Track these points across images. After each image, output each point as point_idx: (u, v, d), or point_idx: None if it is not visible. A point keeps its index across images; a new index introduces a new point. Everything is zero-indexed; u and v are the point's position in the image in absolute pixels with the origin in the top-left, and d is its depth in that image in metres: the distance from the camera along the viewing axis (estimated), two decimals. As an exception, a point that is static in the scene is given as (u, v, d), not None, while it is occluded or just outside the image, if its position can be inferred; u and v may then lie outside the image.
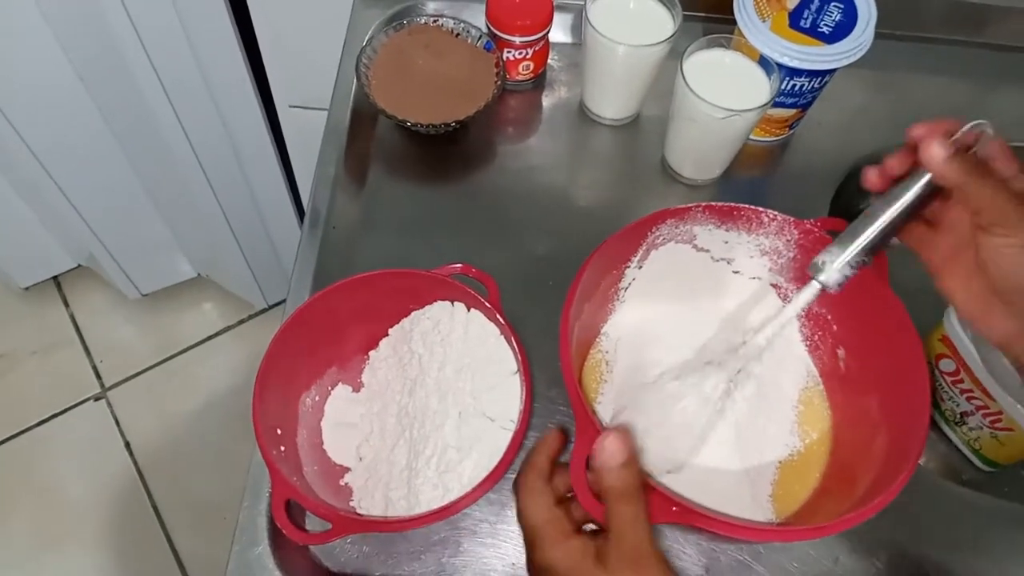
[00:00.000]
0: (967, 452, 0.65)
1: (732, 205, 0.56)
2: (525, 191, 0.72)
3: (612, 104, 0.74)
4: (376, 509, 0.54)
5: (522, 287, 0.62)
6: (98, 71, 1.03)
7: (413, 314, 0.61)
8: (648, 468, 0.50)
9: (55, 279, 1.63)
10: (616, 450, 0.43)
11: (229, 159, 1.17)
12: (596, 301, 0.59)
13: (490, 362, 0.57)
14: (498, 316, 0.56)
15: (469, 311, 0.59)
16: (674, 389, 0.57)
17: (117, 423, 1.49)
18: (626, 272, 0.59)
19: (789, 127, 0.73)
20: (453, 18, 0.73)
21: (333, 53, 0.78)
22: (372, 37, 0.73)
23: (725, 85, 0.63)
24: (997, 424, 0.60)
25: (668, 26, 0.67)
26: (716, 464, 0.55)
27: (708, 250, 0.59)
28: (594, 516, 0.44)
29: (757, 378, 0.57)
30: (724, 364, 0.57)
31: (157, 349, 1.58)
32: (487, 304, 0.57)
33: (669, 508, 0.45)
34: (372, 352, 0.62)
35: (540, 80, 0.78)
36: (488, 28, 0.72)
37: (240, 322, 1.62)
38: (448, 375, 0.57)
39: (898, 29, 0.79)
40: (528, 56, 0.73)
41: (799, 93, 0.68)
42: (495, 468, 0.50)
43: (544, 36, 0.73)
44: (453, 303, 0.59)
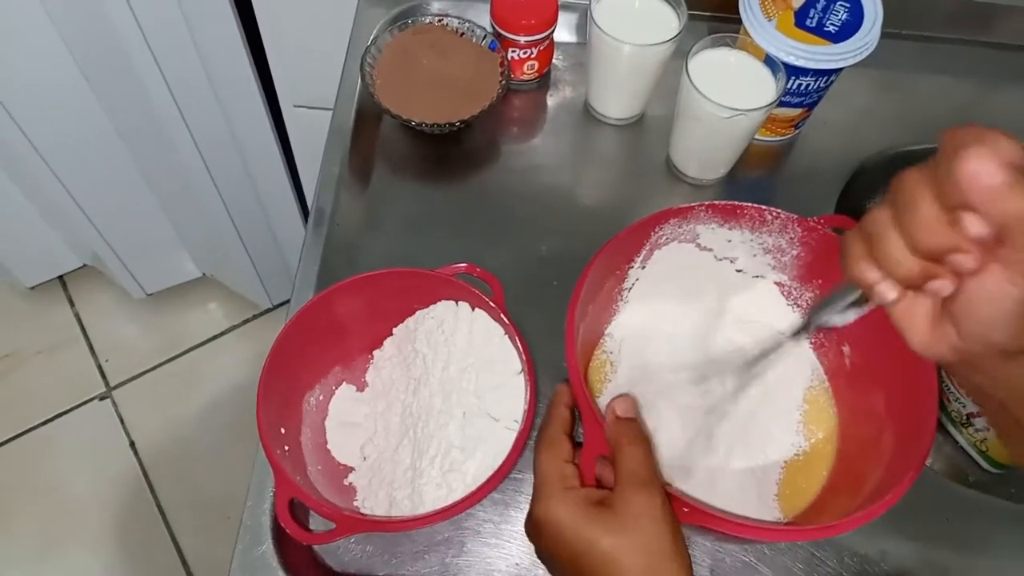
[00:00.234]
0: (973, 453, 0.64)
1: (735, 204, 0.56)
2: (529, 191, 0.71)
3: (617, 104, 0.73)
4: (380, 509, 0.54)
5: (526, 287, 0.62)
6: (103, 71, 1.03)
7: (417, 313, 0.61)
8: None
9: (60, 278, 1.63)
10: (625, 407, 0.47)
11: (234, 159, 1.18)
12: (600, 302, 0.58)
13: (494, 362, 0.57)
14: (502, 316, 0.56)
15: (473, 311, 0.59)
16: (679, 390, 0.57)
17: (122, 422, 1.49)
18: (629, 272, 0.59)
19: (795, 127, 0.73)
20: (458, 17, 0.73)
21: (338, 53, 0.78)
22: (377, 37, 0.73)
23: (730, 84, 0.63)
24: (1004, 425, 0.60)
25: (673, 25, 0.67)
26: (722, 464, 0.54)
27: (711, 249, 0.59)
28: None
29: (762, 377, 0.57)
30: (728, 364, 0.57)
31: (162, 348, 1.58)
32: (491, 304, 0.57)
33: (680, 509, 0.45)
34: (376, 351, 0.62)
35: (545, 80, 0.78)
36: (493, 27, 0.72)
37: (244, 322, 1.62)
38: (452, 375, 0.57)
39: (904, 28, 0.79)
40: (533, 55, 0.73)
41: (805, 92, 0.67)
42: (499, 468, 0.50)
43: (549, 35, 0.72)
44: (457, 303, 0.59)
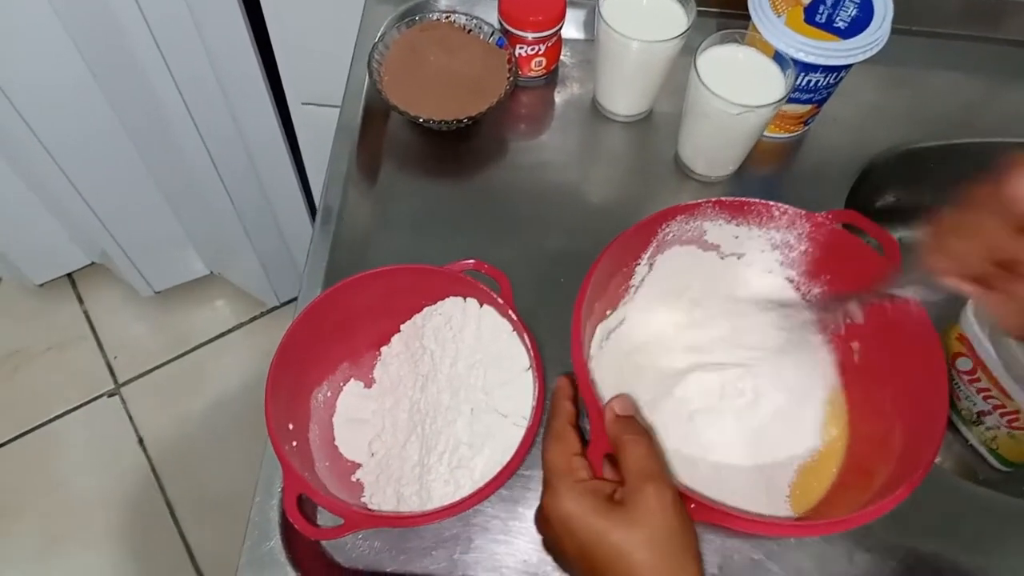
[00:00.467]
0: (983, 451, 0.64)
1: (742, 200, 0.55)
2: (537, 188, 0.71)
3: (625, 100, 0.73)
4: (388, 505, 0.54)
5: (534, 284, 0.62)
6: (110, 68, 1.04)
7: (425, 310, 0.61)
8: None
9: (69, 276, 1.64)
10: (623, 406, 0.47)
11: (241, 157, 1.18)
12: (607, 299, 0.58)
13: (502, 358, 0.57)
14: (510, 312, 0.56)
15: (481, 307, 0.59)
16: (687, 388, 0.57)
17: (131, 419, 1.50)
18: (636, 269, 0.59)
19: (804, 123, 0.73)
20: (465, 14, 0.73)
21: (345, 50, 0.78)
22: (384, 33, 0.72)
23: (739, 81, 0.63)
24: (1014, 423, 0.60)
25: (682, 21, 0.67)
26: (731, 461, 0.54)
27: (718, 246, 0.59)
28: None
29: (771, 375, 0.57)
30: (737, 362, 0.57)
31: (170, 346, 1.58)
32: (499, 300, 0.57)
33: (688, 506, 0.44)
34: (384, 348, 0.62)
35: (552, 76, 0.77)
36: (500, 24, 0.72)
37: (252, 319, 1.62)
38: (460, 371, 0.57)
39: (914, 25, 0.78)
40: (540, 52, 0.73)
41: (814, 89, 0.67)
42: (507, 464, 0.50)
43: (557, 32, 0.72)
44: (465, 299, 0.59)
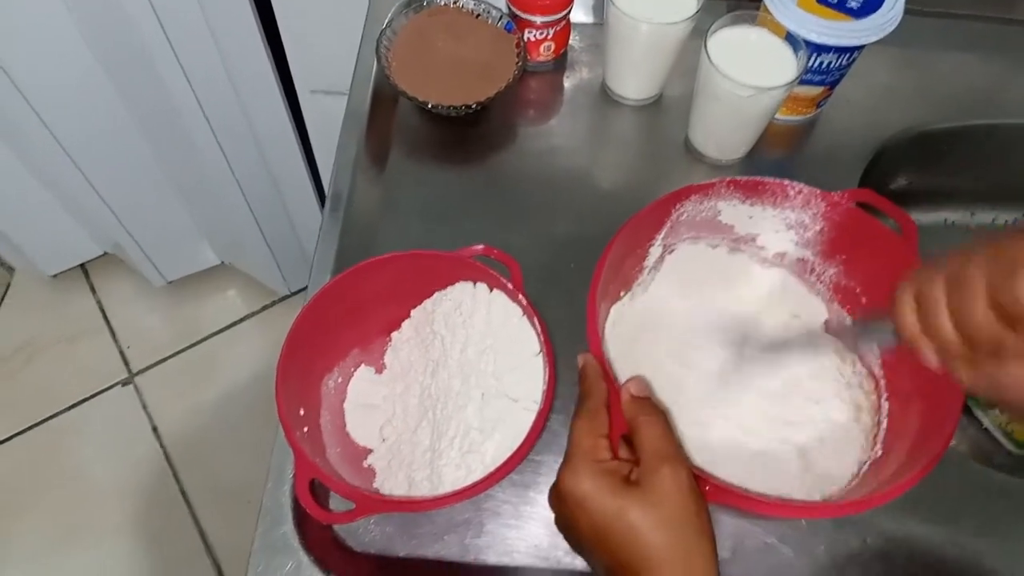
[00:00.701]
0: (998, 435, 0.64)
1: (757, 179, 0.55)
2: (546, 173, 0.71)
3: (635, 84, 0.73)
4: (399, 490, 0.54)
5: (544, 269, 0.62)
6: (120, 60, 1.04)
7: (435, 295, 0.61)
8: None
9: (82, 267, 1.65)
10: (638, 387, 0.47)
11: (251, 146, 1.18)
12: (620, 280, 0.58)
13: (513, 343, 0.57)
14: (520, 297, 0.56)
15: (491, 292, 0.59)
16: (702, 369, 0.56)
17: (145, 408, 1.51)
18: (650, 250, 0.59)
19: (816, 105, 0.72)
20: (474, -1, 0.73)
21: (353, 36, 0.78)
22: (392, 19, 0.72)
23: (750, 62, 0.62)
24: (1030, 406, 0.59)
25: (691, 3, 0.66)
26: (747, 443, 0.54)
27: (732, 226, 0.59)
28: None
29: (788, 359, 0.57)
30: (752, 346, 0.57)
31: (182, 335, 1.59)
32: (509, 285, 0.57)
33: (702, 487, 0.44)
34: (394, 333, 0.62)
35: (562, 61, 0.77)
36: (509, 9, 0.71)
37: (264, 308, 1.63)
38: (471, 356, 0.57)
39: (927, 5, 0.77)
40: (549, 36, 0.73)
41: (827, 70, 0.66)
42: (518, 449, 0.50)
43: (565, 16, 0.72)
44: (475, 284, 0.59)
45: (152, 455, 1.47)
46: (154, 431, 1.49)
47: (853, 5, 0.63)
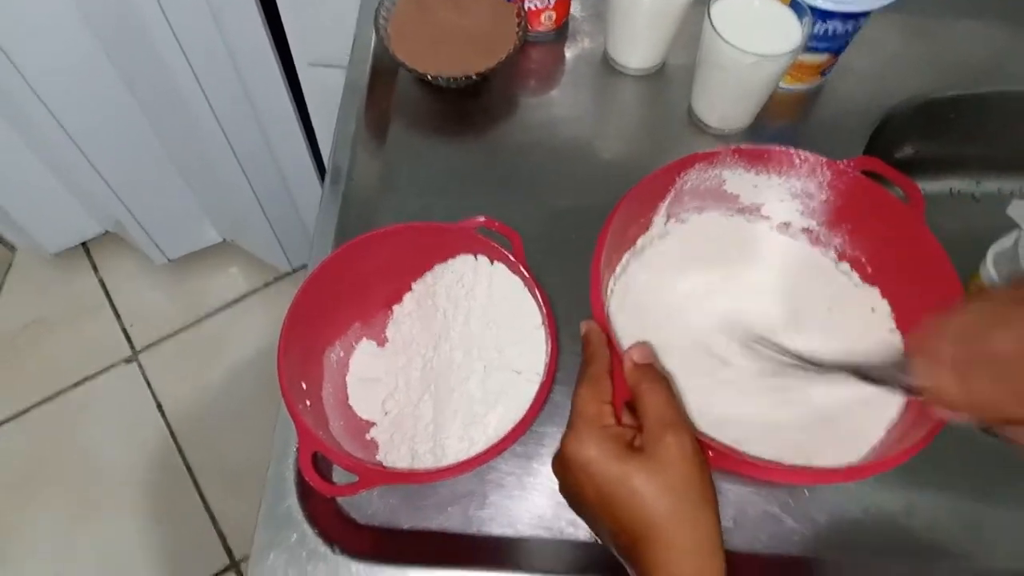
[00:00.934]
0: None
1: (762, 147, 0.54)
2: (548, 144, 0.70)
3: (637, 53, 0.72)
4: (402, 463, 0.54)
5: (545, 240, 0.62)
6: (117, 34, 1.03)
7: (436, 268, 0.60)
8: None
9: (84, 245, 1.65)
10: (642, 354, 0.46)
11: (250, 122, 1.17)
12: (622, 250, 0.58)
13: (515, 315, 0.57)
14: (522, 269, 0.56)
15: (493, 264, 0.58)
16: (706, 335, 0.56)
17: (149, 385, 1.52)
18: (654, 220, 0.58)
19: (821, 74, 0.71)
20: (473, -32, 0.72)
21: (352, 8, 0.77)
22: (391, -11, 0.71)
23: (754, 30, 0.61)
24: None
25: (694, -30, 0.65)
26: (752, 410, 0.53)
27: (737, 196, 0.58)
28: None
29: (794, 323, 0.56)
30: (759, 307, 0.56)
31: (185, 313, 1.59)
32: (511, 257, 0.56)
33: (706, 453, 0.44)
34: (396, 307, 0.61)
35: (563, 31, 0.76)
36: (509, -23, 0.70)
37: (266, 285, 1.63)
38: (473, 329, 0.57)
39: (934, -29, 0.76)
40: (550, 6, 0.72)
41: (831, 37, 0.65)
42: (521, 420, 0.50)
43: (566, -16, 0.71)
44: (476, 256, 0.59)
45: (157, 432, 1.47)
46: (159, 408, 1.50)
47: (859, -30, 0.62)
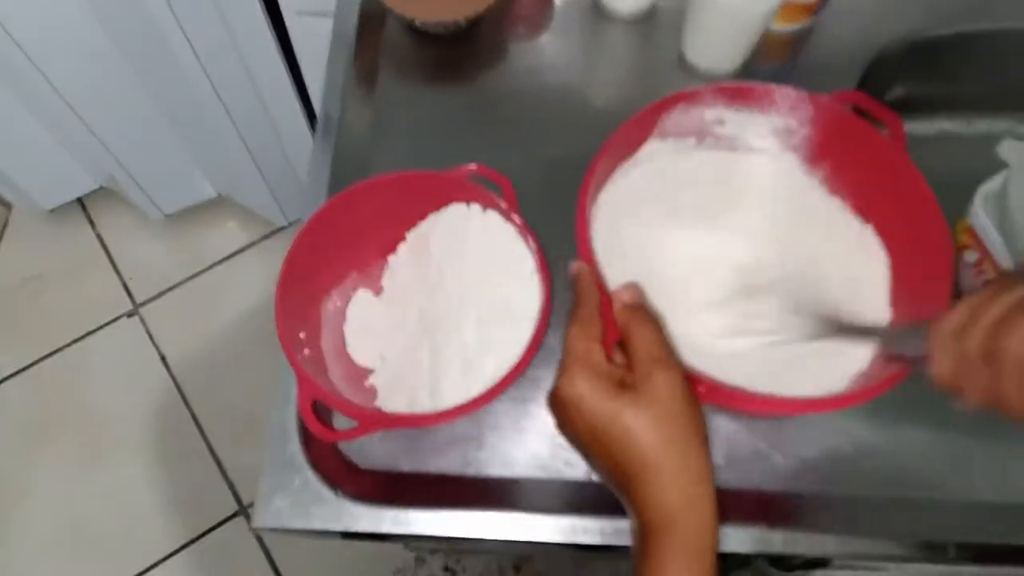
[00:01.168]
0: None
1: (743, 84, 0.54)
2: (538, 91, 0.70)
3: (627, -5, 0.71)
4: (401, 408, 0.56)
5: (537, 187, 0.62)
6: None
7: (430, 217, 0.61)
8: None
9: (79, 201, 1.64)
10: (632, 295, 0.47)
11: (239, 74, 1.16)
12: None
13: (508, 261, 0.57)
14: (514, 216, 0.56)
15: (485, 212, 0.59)
16: (693, 273, 0.56)
17: (151, 338, 1.53)
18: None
19: (812, 13, 0.70)
20: (459, -90, 0.70)
21: (338, -47, 0.76)
22: (377, -67, 0.70)
23: (745, -31, 0.61)
24: (1019, 312, 0.59)
25: (684, -92, 0.64)
26: (740, 344, 0.54)
27: (722, 133, 0.58)
28: None
29: (781, 252, 0.57)
30: (744, 241, 0.56)
31: (184, 266, 1.60)
32: (503, 204, 0.57)
33: (696, 389, 0.45)
34: (391, 256, 0.62)
35: (552, -27, 0.75)
36: (496, -81, 0.69)
37: (263, 238, 1.63)
38: (467, 276, 0.57)
39: (929, -95, 0.75)
40: (539, -52, 0.71)
41: (822, -25, 0.65)
42: (517, 364, 0.51)
43: (555, -75, 0.70)
44: (469, 204, 0.59)
45: (162, 383, 1.49)
46: (162, 360, 1.51)
47: (851, -95, 0.61)
